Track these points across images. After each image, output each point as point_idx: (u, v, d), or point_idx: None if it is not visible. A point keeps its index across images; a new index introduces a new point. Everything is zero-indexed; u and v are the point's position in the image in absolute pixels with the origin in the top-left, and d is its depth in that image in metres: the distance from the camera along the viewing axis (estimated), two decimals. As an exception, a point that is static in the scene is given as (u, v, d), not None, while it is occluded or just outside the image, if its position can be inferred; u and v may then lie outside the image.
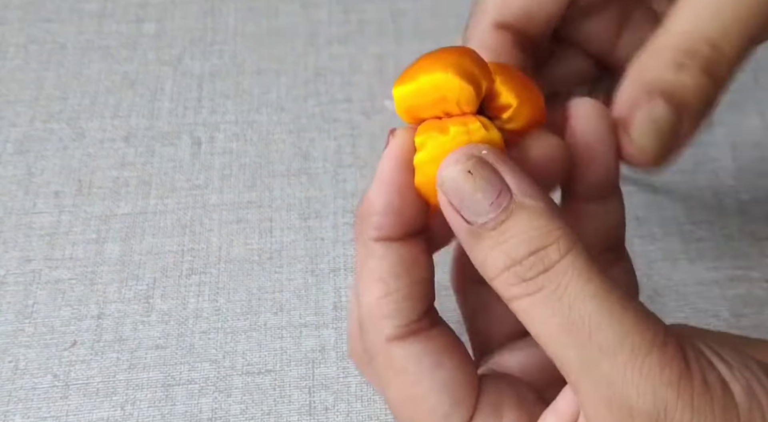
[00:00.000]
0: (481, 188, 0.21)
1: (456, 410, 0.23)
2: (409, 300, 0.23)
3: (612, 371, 0.20)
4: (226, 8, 0.49)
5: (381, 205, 0.23)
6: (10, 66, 0.46)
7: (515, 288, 0.21)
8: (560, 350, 0.20)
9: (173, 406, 0.33)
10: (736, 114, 0.43)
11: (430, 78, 0.23)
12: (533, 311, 0.20)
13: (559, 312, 0.20)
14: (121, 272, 0.37)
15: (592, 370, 0.20)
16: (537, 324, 0.21)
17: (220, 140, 0.43)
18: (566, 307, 0.20)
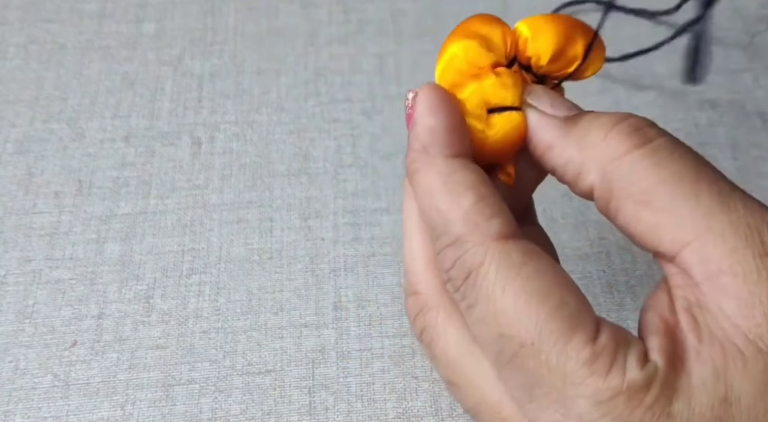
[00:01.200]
0: (563, 97, 0.25)
1: (583, 308, 0.21)
2: (503, 206, 0.23)
3: (749, 201, 0.22)
4: (226, 8, 0.49)
5: (444, 125, 0.23)
6: (10, 66, 0.46)
7: (633, 138, 0.22)
8: (691, 186, 0.22)
9: (173, 406, 0.33)
10: (736, 114, 0.43)
11: (446, 52, 0.26)
12: (657, 156, 0.22)
13: (687, 153, 0.23)
14: (121, 272, 0.37)
15: (731, 202, 0.21)
16: (660, 168, 0.22)
17: (220, 140, 0.43)
18: (690, 151, 0.23)
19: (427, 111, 0.23)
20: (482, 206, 0.22)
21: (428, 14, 0.48)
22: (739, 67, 0.45)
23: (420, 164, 0.23)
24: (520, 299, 0.21)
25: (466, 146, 0.24)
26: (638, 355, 0.20)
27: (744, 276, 0.20)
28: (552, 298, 0.21)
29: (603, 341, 0.20)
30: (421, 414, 0.32)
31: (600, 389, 0.20)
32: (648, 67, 0.45)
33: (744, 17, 0.47)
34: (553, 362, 0.20)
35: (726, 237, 0.21)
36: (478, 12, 0.28)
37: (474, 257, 0.22)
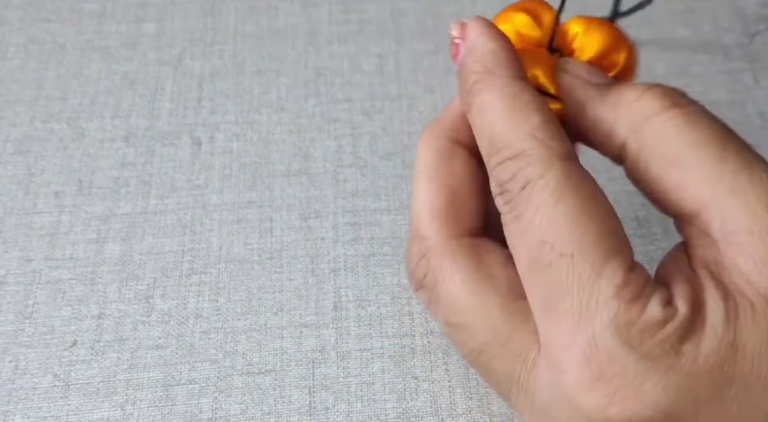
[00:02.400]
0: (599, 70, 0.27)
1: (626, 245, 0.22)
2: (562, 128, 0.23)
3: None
4: (226, 8, 0.49)
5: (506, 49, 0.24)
6: (10, 66, 0.46)
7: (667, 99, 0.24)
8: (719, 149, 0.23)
9: (173, 406, 0.33)
10: (736, 114, 0.43)
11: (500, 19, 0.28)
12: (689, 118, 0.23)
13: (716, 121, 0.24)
14: (121, 272, 0.37)
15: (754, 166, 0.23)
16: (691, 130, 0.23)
17: (220, 140, 0.43)
18: (718, 120, 0.24)
19: (488, 36, 0.24)
20: (550, 126, 0.23)
21: (428, 14, 0.49)
22: (739, 67, 0.45)
23: (485, 84, 0.24)
24: (572, 214, 0.22)
25: (524, 73, 0.24)
26: (662, 297, 0.21)
27: (761, 235, 0.21)
28: (601, 223, 0.22)
29: (635, 275, 0.21)
30: (421, 414, 0.32)
31: (620, 313, 0.21)
32: (648, 67, 0.45)
33: (744, 17, 0.47)
34: (585, 277, 0.21)
35: (747, 199, 0.22)
36: (476, 12, 0.28)
37: (536, 169, 0.22)
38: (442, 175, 0.26)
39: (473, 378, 0.33)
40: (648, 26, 0.47)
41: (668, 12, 0.48)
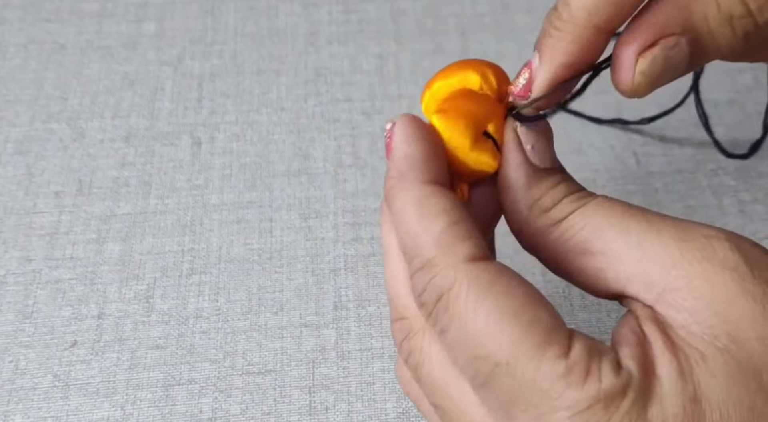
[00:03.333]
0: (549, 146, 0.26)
1: (556, 322, 0.22)
2: (474, 231, 0.23)
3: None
4: (226, 8, 0.49)
5: (419, 153, 0.24)
6: (10, 66, 0.46)
7: (573, 204, 0.24)
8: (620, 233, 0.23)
9: (173, 406, 0.33)
10: (736, 114, 0.43)
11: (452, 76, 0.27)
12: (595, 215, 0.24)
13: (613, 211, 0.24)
14: (121, 272, 0.37)
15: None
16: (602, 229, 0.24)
17: (220, 140, 0.43)
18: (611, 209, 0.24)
19: (404, 140, 0.24)
20: (454, 229, 0.23)
21: (428, 14, 0.49)
22: (739, 67, 0.45)
23: (397, 189, 0.24)
24: (492, 318, 0.21)
25: (441, 173, 0.24)
26: (612, 363, 0.21)
27: (685, 289, 0.22)
28: (524, 315, 0.21)
29: (576, 352, 0.21)
30: (421, 414, 0.32)
31: (578, 400, 0.20)
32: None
33: (744, 17, 0.47)
34: (529, 379, 0.21)
35: (660, 259, 0.22)
36: (476, 12, 0.28)
37: (444, 279, 0.22)
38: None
39: (473, 378, 0.33)
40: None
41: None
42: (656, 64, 0.24)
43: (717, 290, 0.21)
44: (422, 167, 0.24)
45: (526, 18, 0.48)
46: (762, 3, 0.23)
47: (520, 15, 0.48)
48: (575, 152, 0.41)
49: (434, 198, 0.23)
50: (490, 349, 0.21)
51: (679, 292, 0.22)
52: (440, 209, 0.23)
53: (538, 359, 0.21)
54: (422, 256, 0.23)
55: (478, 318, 0.21)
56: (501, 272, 0.22)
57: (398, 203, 0.24)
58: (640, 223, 0.23)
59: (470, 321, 0.21)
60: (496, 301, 0.21)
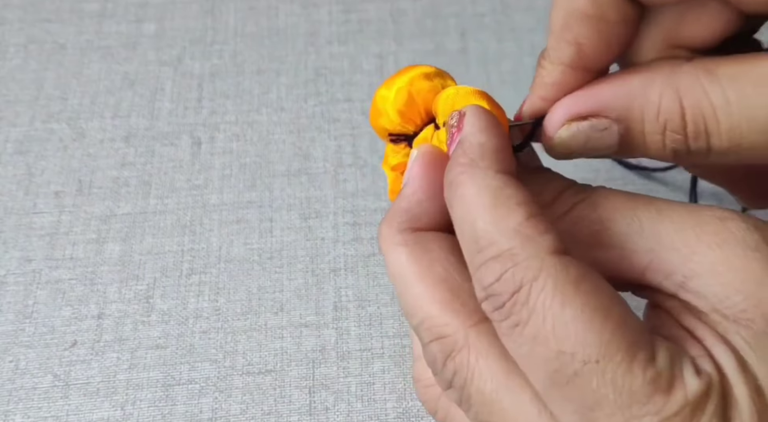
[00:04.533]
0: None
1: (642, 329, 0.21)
2: (552, 223, 0.22)
3: None
4: (226, 8, 0.49)
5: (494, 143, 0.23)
6: (10, 66, 0.46)
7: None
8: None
9: (173, 406, 0.33)
10: None
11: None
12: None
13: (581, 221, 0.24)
14: (121, 272, 0.37)
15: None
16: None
17: (220, 140, 0.43)
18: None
19: (478, 129, 0.23)
20: (535, 221, 0.21)
21: (428, 14, 0.48)
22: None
23: (467, 176, 0.23)
24: (584, 315, 0.20)
25: (512, 167, 0.23)
26: (692, 367, 0.21)
27: (709, 275, 0.21)
28: (614, 316, 0.20)
29: (663, 357, 0.20)
30: (421, 414, 0.32)
31: (667, 405, 0.20)
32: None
33: (744, 17, 0.47)
34: (618, 381, 0.20)
35: (677, 247, 0.22)
36: (476, 12, 0.28)
37: (527, 270, 0.21)
38: (428, 268, 0.24)
39: (473, 378, 0.33)
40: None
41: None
42: (577, 137, 0.24)
43: (743, 273, 0.21)
44: (497, 157, 0.23)
45: (526, 18, 0.48)
46: (699, 131, 0.22)
47: (520, 15, 0.48)
48: (575, 152, 0.41)
49: (511, 189, 0.22)
50: (579, 346, 0.20)
51: (703, 278, 0.21)
52: (519, 200, 0.22)
53: (629, 361, 0.20)
54: (499, 245, 0.21)
55: (566, 313, 0.20)
56: (587, 268, 0.21)
57: (468, 189, 0.22)
58: (650, 211, 0.23)
59: (558, 315, 0.20)
60: (586, 298, 0.20)
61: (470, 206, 0.22)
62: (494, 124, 0.24)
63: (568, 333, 0.20)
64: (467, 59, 0.46)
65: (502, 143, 0.23)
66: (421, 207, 0.25)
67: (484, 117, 0.24)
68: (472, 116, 0.24)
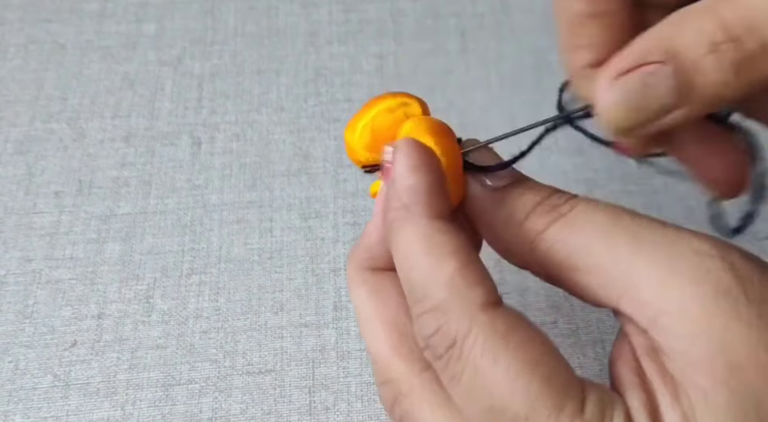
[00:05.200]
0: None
1: (571, 375, 0.21)
2: (485, 269, 0.22)
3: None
4: (226, 8, 0.49)
5: (425, 184, 0.23)
6: (10, 66, 0.46)
7: (549, 216, 0.23)
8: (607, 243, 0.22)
9: (173, 406, 0.33)
10: (736, 114, 0.43)
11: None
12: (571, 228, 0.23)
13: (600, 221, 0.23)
14: (121, 272, 0.37)
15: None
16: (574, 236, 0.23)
17: (220, 140, 0.43)
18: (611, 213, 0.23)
19: (409, 169, 0.23)
20: (466, 272, 0.21)
21: (428, 14, 0.48)
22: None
23: (400, 222, 0.23)
24: (512, 370, 0.20)
25: (446, 205, 0.23)
26: (623, 416, 0.21)
27: (679, 314, 0.20)
28: (542, 368, 0.21)
29: (591, 409, 0.21)
30: (421, 414, 0.32)
31: None
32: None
33: (744, 17, 0.47)
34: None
35: (650, 280, 0.21)
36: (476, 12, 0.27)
37: (459, 326, 0.21)
38: (382, 310, 0.25)
39: (473, 378, 0.33)
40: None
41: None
42: (632, 91, 0.21)
43: (711, 315, 0.20)
44: (429, 200, 0.23)
45: (526, 18, 0.48)
46: (749, 23, 0.20)
47: (520, 15, 0.48)
48: (576, 152, 0.41)
49: (443, 236, 0.22)
50: (507, 402, 0.20)
51: (672, 316, 0.21)
52: (451, 248, 0.22)
53: (556, 415, 0.20)
54: (432, 298, 0.22)
55: (496, 370, 0.21)
56: (516, 320, 0.21)
57: (403, 239, 0.22)
58: (628, 236, 0.22)
59: (488, 372, 0.21)
60: (515, 353, 0.21)
61: (405, 254, 0.22)
62: (425, 161, 0.23)
63: (498, 389, 0.21)
64: (467, 59, 0.46)
65: (435, 181, 0.23)
66: (379, 247, 0.25)
67: (415, 154, 0.23)
68: (403, 154, 0.23)
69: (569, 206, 0.23)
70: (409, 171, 0.23)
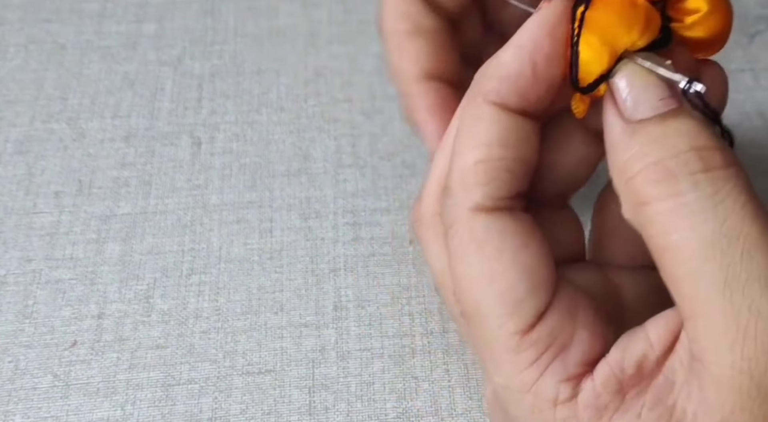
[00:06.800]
0: (656, 84, 0.20)
1: (531, 296, 0.21)
2: (507, 173, 0.21)
3: (764, 303, 0.18)
4: (226, 8, 0.49)
5: (514, 69, 0.21)
6: (10, 66, 0.46)
7: (660, 187, 0.19)
8: (697, 265, 0.18)
9: (173, 406, 0.33)
10: (736, 114, 0.43)
11: None
12: (675, 215, 0.18)
13: (712, 220, 0.18)
14: (121, 272, 0.37)
15: (735, 295, 0.18)
16: (674, 231, 0.18)
17: (220, 140, 0.43)
18: (720, 218, 0.18)
19: (515, 45, 0.21)
20: (483, 168, 0.21)
21: (428, 14, 0.48)
22: (739, 67, 0.45)
23: (472, 95, 0.22)
24: (471, 274, 0.21)
25: (531, 100, 0.21)
26: (567, 369, 0.21)
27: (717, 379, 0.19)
28: (500, 282, 0.21)
29: (536, 334, 0.21)
30: (421, 414, 0.32)
31: (513, 378, 0.21)
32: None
33: (744, 17, 0.47)
34: (484, 338, 0.21)
35: (715, 333, 0.18)
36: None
37: (449, 216, 0.22)
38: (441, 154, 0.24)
39: (473, 378, 0.33)
40: (648, 26, 0.47)
41: (668, 12, 0.48)
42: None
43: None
44: (503, 86, 0.21)
45: (526, 18, 0.48)
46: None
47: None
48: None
49: (484, 124, 0.21)
50: (462, 297, 0.22)
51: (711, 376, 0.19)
52: (482, 140, 0.21)
53: (499, 325, 0.21)
54: (449, 178, 0.22)
55: (461, 266, 0.22)
56: (499, 231, 0.21)
57: (462, 112, 0.22)
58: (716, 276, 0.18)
59: (457, 264, 0.22)
60: (479, 260, 0.21)
61: (456, 125, 0.22)
62: (554, 44, 0.20)
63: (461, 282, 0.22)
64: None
65: (545, 73, 0.21)
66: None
67: (553, 24, 0.20)
68: (544, 15, 0.21)
69: (688, 186, 0.19)
70: (515, 48, 0.21)
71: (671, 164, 0.19)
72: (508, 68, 0.21)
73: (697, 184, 0.19)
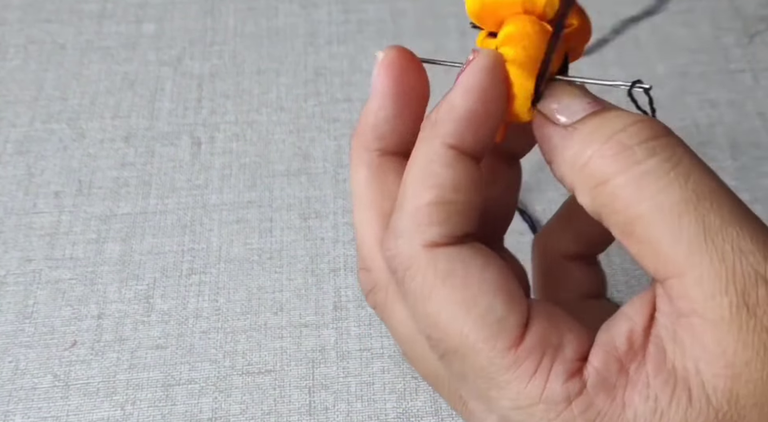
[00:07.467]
0: (580, 95, 0.22)
1: (511, 311, 0.21)
2: (460, 216, 0.22)
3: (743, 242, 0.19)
4: (226, 8, 0.49)
5: (467, 110, 0.22)
6: (10, 66, 0.46)
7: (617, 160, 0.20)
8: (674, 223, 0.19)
9: (173, 406, 0.33)
10: (736, 114, 0.43)
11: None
12: (640, 184, 0.19)
13: (676, 181, 0.19)
14: (121, 272, 0.37)
15: (716, 239, 0.19)
16: (642, 199, 0.19)
17: (220, 140, 0.43)
18: (683, 177, 0.19)
19: (465, 89, 0.22)
20: (435, 209, 0.21)
21: (428, 14, 0.48)
22: (739, 67, 0.45)
23: (422, 133, 0.22)
24: (446, 308, 0.21)
25: (481, 143, 0.22)
26: (565, 367, 0.21)
27: (714, 324, 0.19)
28: (476, 307, 0.21)
29: (528, 344, 0.21)
30: (421, 414, 0.32)
31: (521, 394, 0.20)
32: (649, 68, 0.45)
33: (744, 17, 0.47)
34: (478, 367, 0.21)
35: (703, 280, 0.19)
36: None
37: (404, 258, 0.22)
38: (376, 200, 0.24)
39: (473, 377, 0.33)
40: (648, 26, 0.47)
41: (668, 12, 0.48)
42: None
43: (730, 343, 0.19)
44: (459, 129, 0.22)
45: (526, 18, 0.48)
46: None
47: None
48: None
49: (438, 167, 0.22)
50: (443, 334, 0.21)
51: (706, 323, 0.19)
52: (435, 182, 0.21)
53: (488, 350, 0.21)
54: (398, 219, 0.22)
55: (431, 304, 0.21)
56: (462, 260, 0.21)
57: (421, 147, 0.22)
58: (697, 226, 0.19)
59: (427, 304, 0.21)
60: (450, 291, 0.21)
61: (409, 164, 0.22)
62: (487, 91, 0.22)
63: (434, 322, 0.21)
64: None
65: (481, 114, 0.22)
66: (388, 125, 0.24)
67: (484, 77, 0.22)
68: (472, 69, 0.22)
69: (644, 154, 0.20)
70: (464, 91, 0.22)
71: (622, 137, 0.20)
72: (460, 110, 0.22)
73: (652, 150, 0.20)
